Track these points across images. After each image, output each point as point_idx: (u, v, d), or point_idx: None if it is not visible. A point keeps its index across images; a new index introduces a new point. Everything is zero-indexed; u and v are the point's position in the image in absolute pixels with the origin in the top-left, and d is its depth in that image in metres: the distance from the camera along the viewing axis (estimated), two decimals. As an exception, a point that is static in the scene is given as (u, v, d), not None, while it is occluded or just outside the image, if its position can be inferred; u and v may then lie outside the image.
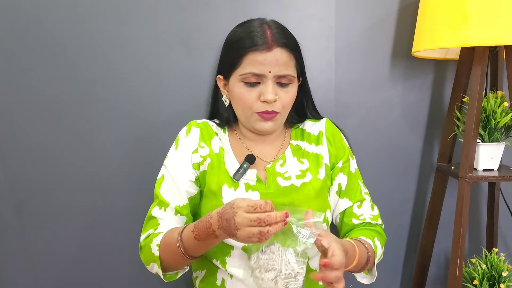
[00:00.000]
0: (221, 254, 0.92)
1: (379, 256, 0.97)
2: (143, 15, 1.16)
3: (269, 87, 0.89)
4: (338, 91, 1.23)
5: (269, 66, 0.89)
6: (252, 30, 0.91)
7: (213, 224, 0.78)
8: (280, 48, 0.89)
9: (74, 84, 1.17)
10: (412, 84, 1.25)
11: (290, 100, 0.95)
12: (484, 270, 1.10)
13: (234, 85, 0.93)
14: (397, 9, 1.22)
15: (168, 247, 0.86)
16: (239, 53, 0.90)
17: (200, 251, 0.85)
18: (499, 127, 1.09)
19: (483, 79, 1.05)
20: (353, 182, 1.02)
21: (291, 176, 0.96)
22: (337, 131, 1.04)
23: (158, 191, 0.95)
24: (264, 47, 0.88)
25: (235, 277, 0.91)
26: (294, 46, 0.94)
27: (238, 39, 0.92)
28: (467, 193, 1.05)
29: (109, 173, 1.22)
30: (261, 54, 0.88)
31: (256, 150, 0.99)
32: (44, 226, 1.23)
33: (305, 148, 1.01)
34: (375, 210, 1.03)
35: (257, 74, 0.89)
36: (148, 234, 0.92)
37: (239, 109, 0.95)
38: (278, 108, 0.92)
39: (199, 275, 1.00)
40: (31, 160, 1.20)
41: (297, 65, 0.95)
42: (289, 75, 0.91)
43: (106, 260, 1.26)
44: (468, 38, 0.97)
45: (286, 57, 0.90)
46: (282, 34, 0.92)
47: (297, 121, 1.05)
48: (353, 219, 1.00)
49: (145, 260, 0.92)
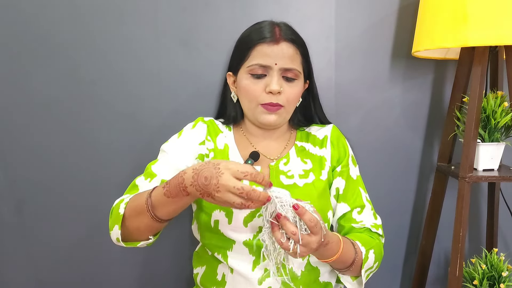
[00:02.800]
0: (223, 248, 0.93)
1: (370, 267, 0.92)
2: (143, 15, 1.16)
3: (274, 79, 0.92)
4: (338, 91, 1.24)
5: (276, 58, 0.92)
6: (261, 26, 0.96)
7: (186, 180, 0.72)
8: (287, 43, 0.93)
9: (74, 84, 1.17)
10: (412, 84, 1.25)
11: (295, 96, 0.96)
12: (484, 270, 1.10)
13: (241, 78, 0.96)
14: (397, 9, 1.22)
15: (135, 203, 0.81)
16: (247, 46, 0.94)
17: (167, 211, 0.78)
18: (499, 127, 1.09)
19: (483, 79, 1.05)
20: (353, 188, 1.00)
21: (294, 175, 0.96)
22: (342, 137, 1.05)
23: (149, 166, 0.94)
24: (271, 39, 0.92)
25: (236, 271, 0.92)
26: (301, 43, 0.97)
27: (247, 34, 0.97)
28: (467, 193, 1.05)
29: (109, 173, 1.22)
30: (268, 46, 0.92)
31: (260, 147, 1.00)
32: (44, 226, 1.23)
33: (309, 149, 1.02)
34: (378, 220, 1.00)
35: (263, 65, 0.92)
36: (122, 198, 0.88)
37: (245, 101, 0.97)
38: (283, 101, 0.94)
39: (199, 272, 1.00)
40: (31, 160, 1.20)
41: (304, 63, 0.98)
42: (295, 69, 0.94)
43: (106, 260, 1.26)
44: (468, 38, 0.97)
45: (292, 51, 0.94)
46: (290, 31, 0.96)
47: (304, 124, 1.07)
48: (353, 224, 0.98)
49: (110, 224, 0.86)
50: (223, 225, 0.92)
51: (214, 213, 0.92)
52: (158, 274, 1.28)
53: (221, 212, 0.92)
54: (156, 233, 0.87)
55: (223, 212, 0.92)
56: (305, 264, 0.94)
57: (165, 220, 0.80)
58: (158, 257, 1.27)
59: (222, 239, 0.93)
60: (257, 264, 0.92)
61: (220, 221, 0.92)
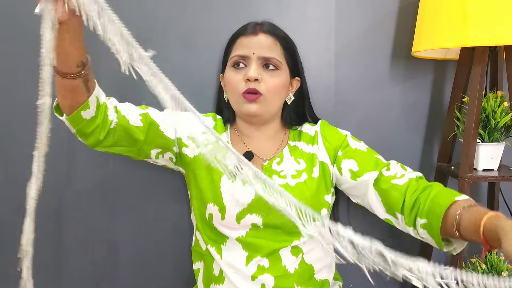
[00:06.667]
0: (217, 242, 0.95)
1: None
2: (143, 15, 1.16)
3: (252, 66, 0.94)
4: (338, 91, 1.24)
5: (253, 48, 0.95)
6: (245, 25, 1.00)
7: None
8: (265, 34, 0.97)
9: (74, 84, 1.17)
10: (412, 84, 1.25)
11: (275, 85, 0.96)
12: (484, 270, 1.10)
13: (226, 73, 0.99)
14: (397, 9, 1.22)
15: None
16: (230, 42, 1.00)
17: (62, 50, 0.75)
18: (499, 127, 1.09)
19: (483, 79, 1.05)
20: (368, 157, 0.96)
21: (287, 175, 0.97)
22: (332, 128, 1.05)
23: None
24: (250, 32, 0.97)
25: (231, 266, 0.94)
26: (281, 36, 0.99)
27: (233, 34, 1.01)
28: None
29: (109, 173, 1.22)
30: (246, 38, 0.97)
31: (254, 147, 1.01)
32: (44, 226, 1.23)
33: (302, 148, 1.02)
34: (408, 170, 0.93)
35: (242, 55, 0.95)
36: None
37: (230, 95, 1.00)
38: (262, 90, 0.94)
39: (200, 267, 1.01)
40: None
41: (287, 56, 0.99)
42: (274, 58, 0.95)
43: (107, 260, 1.26)
44: (468, 38, 0.97)
45: (270, 41, 0.96)
46: (271, 26, 0.99)
47: (296, 123, 1.06)
48: (392, 181, 0.89)
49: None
50: (217, 220, 0.94)
51: (208, 206, 0.94)
52: (157, 273, 1.28)
53: (215, 206, 0.93)
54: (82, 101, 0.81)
55: (217, 207, 0.93)
56: (299, 261, 0.94)
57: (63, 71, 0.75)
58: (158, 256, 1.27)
59: (215, 233, 0.95)
60: (250, 260, 0.93)
61: (214, 216, 0.94)
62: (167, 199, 1.24)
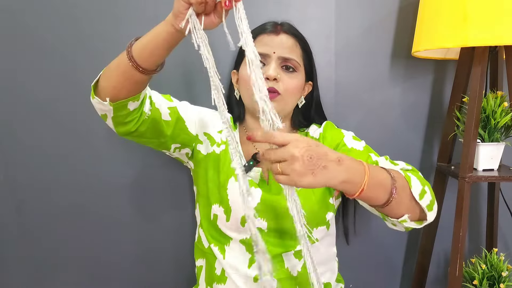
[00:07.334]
0: (220, 242, 0.95)
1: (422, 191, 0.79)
2: (143, 15, 1.16)
3: (272, 66, 0.93)
4: (338, 91, 1.24)
5: (274, 47, 0.94)
6: (265, 23, 1.00)
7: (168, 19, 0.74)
8: (286, 34, 0.96)
9: (74, 84, 1.17)
10: (412, 84, 1.26)
11: (294, 86, 0.96)
12: (484, 270, 1.11)
13: (242, 69, 0.98)
14: (397, 9, 1.22)
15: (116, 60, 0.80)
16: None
17: (146, 51, 0.76)
18: (499, 127, 1.09)
19: (483, 79, 1.05)
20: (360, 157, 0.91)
21: None
22: (334, 129, 1.04)
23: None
24: (271, 31, 0.96)
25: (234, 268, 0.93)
26: (302, 39, 0.99)
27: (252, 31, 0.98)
28: (467, 193, 1.05)
29: (109, 173, 1.22)
30: (268, 36, 0.96)
31: (262, 147, 1.00)
32: (44, 226, 1.23)
33: None
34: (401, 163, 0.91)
35: (262, 53, 0.93)
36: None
37: (244, 91, 0.98)
38: (280, 89, 0.94)
39: (202, 264, 1.01)
40: (31, 160, 1.20)
41: (305, 59, 0.99)
42: (294, 59, 0.95)
43: (107, 260, 1.26)
44: (468, 38, 0.97)
45: (292, 43, 0.96)
46: (292, 27, 0.99)
47: (304, 125, 1.07)
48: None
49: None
50: (221, 221, 0.93)
51: (214, 206, 0.94)
52: (158, 273, 1.28)
53: (220, 207, 0.93)
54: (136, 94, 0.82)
55: (222, 208, 0.93)
56: (302, 264, 0.94)
57: (145, 64, 0.77)
58: (158, 257, 1.27)
59: (219, 234, 0.95)
60: (253, 262, 0.93)
61: (219, 217, 0.93)
62: (168, 198, 1.24)
